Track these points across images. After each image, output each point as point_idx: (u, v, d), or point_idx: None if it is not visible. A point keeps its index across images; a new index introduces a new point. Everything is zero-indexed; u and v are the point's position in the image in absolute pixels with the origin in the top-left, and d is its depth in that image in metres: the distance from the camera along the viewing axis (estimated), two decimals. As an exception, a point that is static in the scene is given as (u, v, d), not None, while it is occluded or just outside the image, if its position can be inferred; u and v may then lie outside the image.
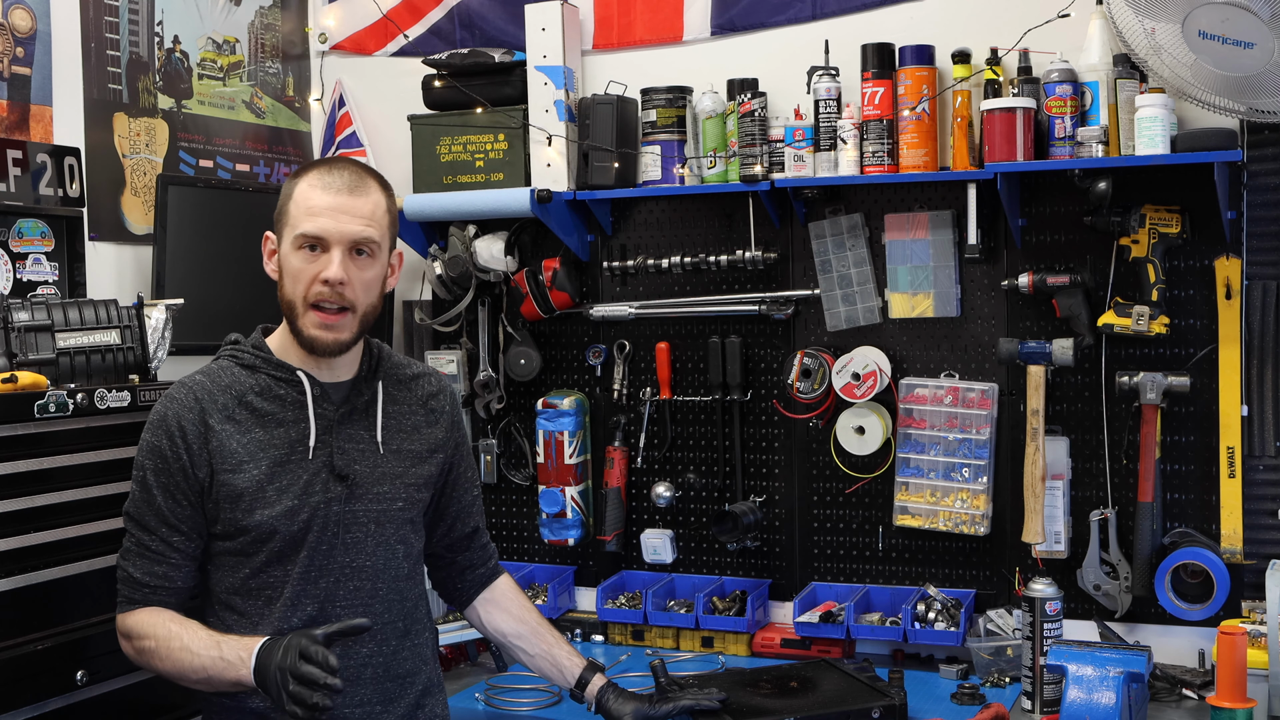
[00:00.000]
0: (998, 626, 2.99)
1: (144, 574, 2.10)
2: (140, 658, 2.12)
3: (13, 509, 2.31)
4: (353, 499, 2.16)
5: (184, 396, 2.12)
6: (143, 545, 2.10)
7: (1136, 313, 2.88)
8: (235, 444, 2.10)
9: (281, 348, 2.19)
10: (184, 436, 2.08)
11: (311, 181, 2.13)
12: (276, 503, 2.09)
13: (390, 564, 2.21)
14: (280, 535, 2.10)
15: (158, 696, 2.55)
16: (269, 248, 2.18)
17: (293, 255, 2.11)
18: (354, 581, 2.16)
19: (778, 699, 2.67)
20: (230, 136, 3.53)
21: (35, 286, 2.89)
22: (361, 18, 3.74)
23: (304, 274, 2.10)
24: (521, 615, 2.46)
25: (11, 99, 2.92)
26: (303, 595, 2.12)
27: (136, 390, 2.53)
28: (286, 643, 1.96)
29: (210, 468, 2.08)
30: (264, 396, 2.14)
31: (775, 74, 3.24)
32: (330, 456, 2.14)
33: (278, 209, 2.16)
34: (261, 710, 2.09)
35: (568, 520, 3.43)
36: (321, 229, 2.09)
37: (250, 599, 2.13)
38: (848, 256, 3.21)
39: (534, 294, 3.43)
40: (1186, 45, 2.61)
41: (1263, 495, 2.89)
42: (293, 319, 2.13)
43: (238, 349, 2.19)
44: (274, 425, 2.13)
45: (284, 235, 2.14)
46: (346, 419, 2.18)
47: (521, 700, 2.88)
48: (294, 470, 2.12)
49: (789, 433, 3.31)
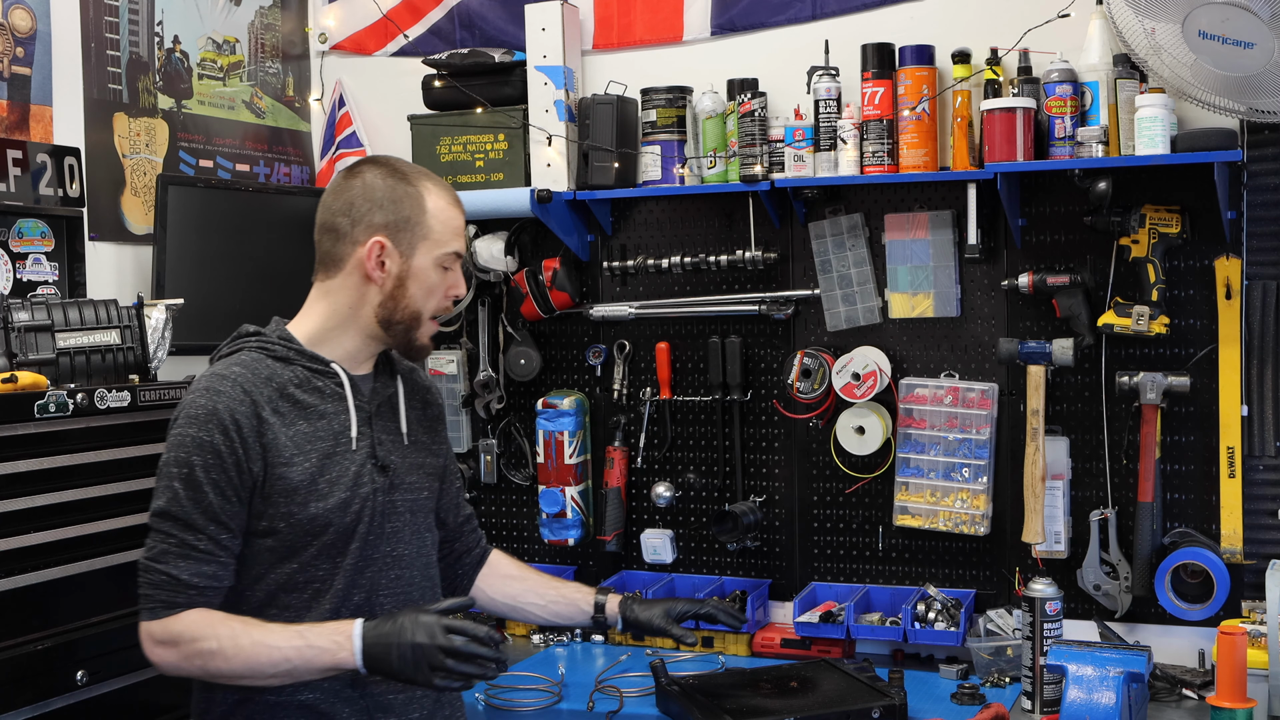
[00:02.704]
0: (998, 626, 2.99)
1: (192, 575, 2.02)
2: (191, 661, 2.03)
3: (13, 509, 2.31)
4: (392, 489, 2.19)
5: (231, 389, 2.06)
6: (187, 545, 2.02)
7: (1136, 313, 2.88)
8: (284, 437, 2.07)
9: (310, 340, 2.17)
10: (239, 430, 2.03)
11: (444, 198, 2.19)
12: (329, 495, 2.09)
13: (422, 551, 2.26)
14: (334, 528, 2.10)
15: (158, 696, 2.55)
16: (381, 255, 2.14)
17: (433, 271, 2.17)
18: (394, 570, 2.19)
19: (778, 699, 2.67)
20: (230, 136, 3.53)
21: (35, 286, 2.89)
22: (361, 18, 3.74)
23: (439, 289, 2.18)
24: (522, 573, 2.53)
25: (11, 99, 2.92)
26: (352, 586, 2.13)
27: (136, 390, 2.53)
28: (404, 622, 1.99)
29: (264, 462, 2.05)
30: (303, 388, 2.12)
31: (775, 74, 3.24)
32: (372, 447, 2.17)
33: (396, 215, 2.14)
34: (310, 701, 2.09)
35: (568, 520, 3.43)
36: (463, 248, 2.22)
37: (296, 593, 2.10)
38: (848, 256, 3.21)
39: (534, 294, 3.43)
40: (1186, 45, 2.61)
41: (1263, 495, 2.89)
42: (410, 327, 2.18)
43: (265, 340, 2.16)
44: (316, 417, 2.12)
45: (419, 248, 2.15)
46: (378, 411, 2.21)
47: (522, 700, 2.88)
48: (341, 462, 2.12)
49: (789, 433, 3.31)
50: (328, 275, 2.17)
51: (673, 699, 2.68)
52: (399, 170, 2.18)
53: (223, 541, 2.05)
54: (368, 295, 2.15)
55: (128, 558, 2.52)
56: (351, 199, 2.15)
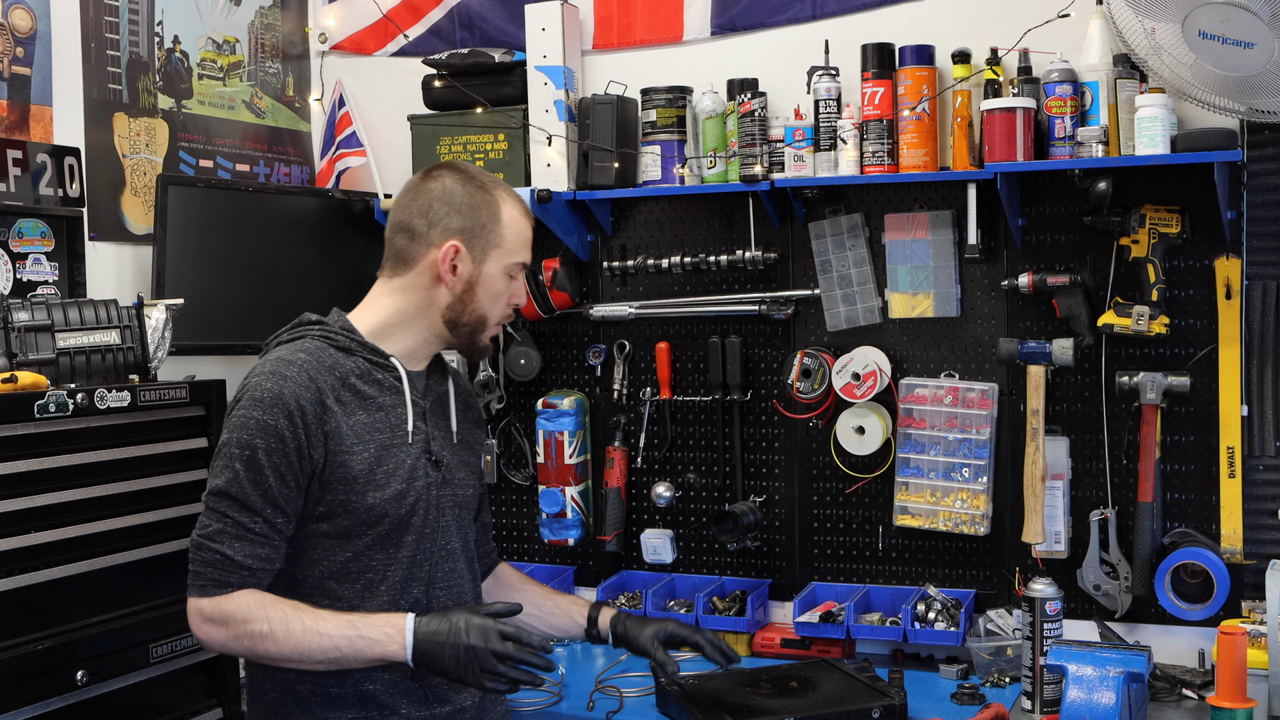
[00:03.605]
0: (998, 626, 2.99)
1: (246, 556, 2.05)
2: (240, 642, 2.06)
3: (13, 509, 2.31)
4: (444, 484, 2.23)
5: (297, 375, 2.09)
6: (242, 527, 2.05)
7: (1136, 313, 2.88)
8: (345, 426, 2.11)
9: (371, 333, 2.21)
10: (304, 416, 2.06)
11: (518, 209, 2.26)
12: (386, 485, 2.13)
13: (467, 547, 2.31)
14: (390, 518, 2.13)
15: (158, 696, 2.55)
16: (455, 257, 2.20)
17: (501, 278, 2.23)
18: (448, 564, 2.23)
19: (778, 699, 2.67)
20: (230, 136, 3.53)
21: (35, 286, 2.89)
22: (361, 18, 3.74)
23: (504, 296, 2.25)
24: (523, 585, 2.55)
25: (11, 99, 2.92)
26: (410, 579, 2.17)
27: (136, 390, 2.53)
28: (458, 622, 2.06)
29: (325, 449, 2.08)
30: (364, 380, 2.16)
31: (775, 74, 3.24)
32: (427, 442, 2.21)
33: (476, 223, 2.20)
34: (372, 693, 2.12)
35: (568, 520, 3.43)
36: (528, 260, 2.28)
37: (349, 583, 2.14)
38: (848, 256, 3.21)
39: (534, 294, 3.43)
40: (1186, 45, 2.61)
41: (1263, 495, 2.89)
42: (476, 330, 2.25)
43: (328, 330, 2.19)
44: (375, 409, 2.16)
45: (491, 256, 2.22)
46: (431, 408, 2.26)
47: (521, 700, 2.88)
48: (398, 454, 2.16)
49: (789, 433, 3.31)
50: (396, 273, 2.22)
51: (673, 699, 2.68)
52: (477, 178, 2.24)
53: (278, 525, 2.08)
54: (436, 296, 2.21)
55: (128, 558, 2.52)
56: (430, 201, 2.20)
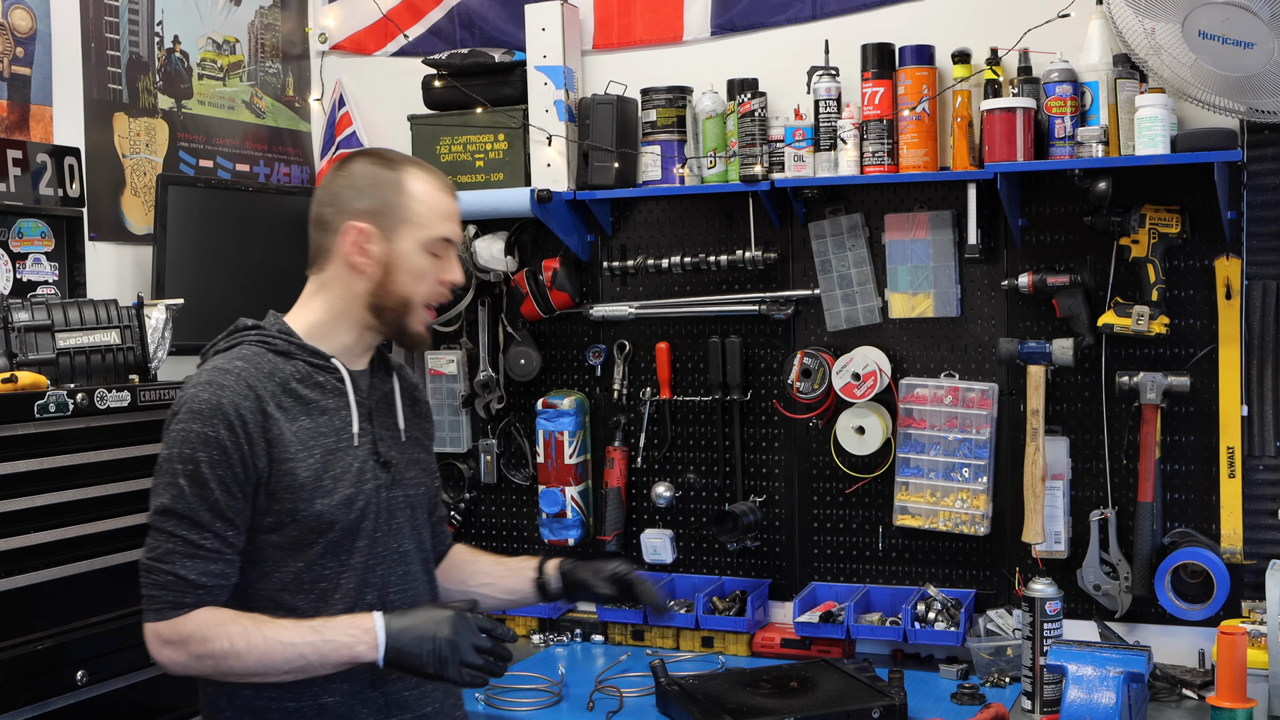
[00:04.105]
0: (998, 626, 2.99)
1: (200, 575, 1.98)
2: (203, 662, 1.99)
3: (13, 509, 2.31)
4: (394, 485, 2.17)
5: (235, 384, 2.03)
6: (193, 544, 1.98)
7: (1136, 313, 2.88)
8: (289, 433, 2.05)
9: (309, 334, 2.15)
10: (244, 425, 1.99)
11: (431, 183, 2.15)
12: (334, 491, 2.07)
13: (421, 548, 2.24)
14: (340, 525, 2.07)
15: (158, 697, 2.55)
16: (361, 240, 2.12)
17: (419, 255, 2.13)
18: (401, 567, 2.18)
19: (778, 699, 2.67)
20: (230, 136, 3.53)
21: (35, 286, 2.89)
22: (361, 18, 3.74)
23: (429, 275, 2.14)
24: (473, 558, 2.47)
25: (11, 99, 2.92)
26: (364, 585, 2.11)
27: (136, 390, 2.53)
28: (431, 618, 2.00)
29: (269, 457, 2.02)
30: (305, 383, 2.10)
31: (775, 74, 3.24)
32: (374, 443, 2.15)
33: (378, 201, 2.12)
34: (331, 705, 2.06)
35: (568, 520, 3.43)
36: (454, 235, 2.16)
37: (302, 594, 2.07)
38: (848, 256, 3.21)
39: (534, 294, 3.43)
40: (1186, 45, 2.61)
41: (1263, 495, 2.89)
42: (401, 314, 2.14)
43: (265, 334, 2.13)
44: (318, 413, 2.10)
45: (403, 233, 2.12)
46: (377, 408, 2.20)
47: (521, 700, 2.88)
48: (344, 458, 2.10)
49: (789, 433, 3.31)
50: (320, 269, 2.15)
51: (673, 699, 2.68)
52: (385, 158, 2.16)
53: (229, 539, 2.01)
54: (356, 285, 2.13)
55: (128, 558, 2.52)
56: (337, 190, 2.14)
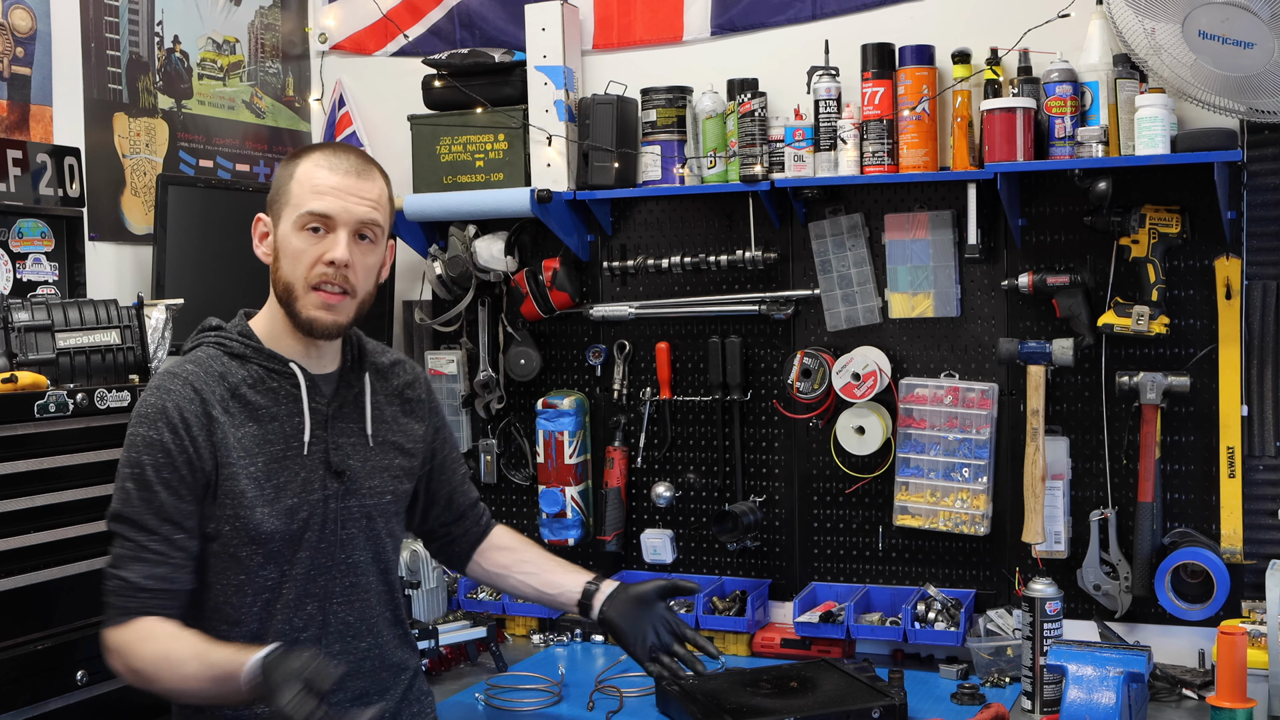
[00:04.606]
0: (998, 626, 2.99)
1: (143, 578, 1.97)
2: (135, 676, 2.00)
3: (13, 509, 2.31)
4: (347, 495, 2.12)
5: (179, 387, 2.01)
6: (141, 547, 1.98)
7: (1136, 313, 2.88)
8: (234, 438, 2.02)
9: (270, 336, 2.12)
10: (188, 429, 1.99)
11: (317, 161, 2.08)
12: (276, 500, 2.04)
13: (379, 557, 2.19)
14: (280, 535, 2.04)
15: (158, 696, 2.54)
16: (260, 230, 2.12)
17: (294, 236, 2.05)
18: (349, 578, 2.14)
19: (778, 699, 2.67)
20: (230, 136, 3.53)
21: (35, 286, 2.89)
22: (361, 18, 3.74)
23: (306, 255, 2.05)
24: (516, 545, 2.47)
25: (11, 99, 2.92)
26: (304, 595, 2.09)
27: (136, 390, 2.52)
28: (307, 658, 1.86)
29: (215, 461, 2.00)
30: (256, 389, 2.07)
31: (775, 74, 3.24)
32: (326, 452, 2.10)
33: (274, 190, 2.10)
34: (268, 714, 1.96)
35: (568, 520, 3.43)
36: (329, 208, 2.04)
37: (244, 604, 2.05)
38: (848, 256, 3.21)
39: (534, 294, 3.43)
40: (1186, 45, 2.61)
41: (1263, 495, 2.89)
42: (290, 301, 2.07)
43: (223, 336, 2.11)
44: (268, 420, 2.07)
45: (283, 215, 2.07)
46: (339, 413, 2.14)
47: (521, 700, 2.88)
48: (291, 467, 2.06)
49: (789, 433, 3.31)
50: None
51: (673, 699, 2.68)
52: (304, 149, 2.14)
53: (177, 542, 1.99)
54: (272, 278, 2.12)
55: (128, 558, 2.52)
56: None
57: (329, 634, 2.12)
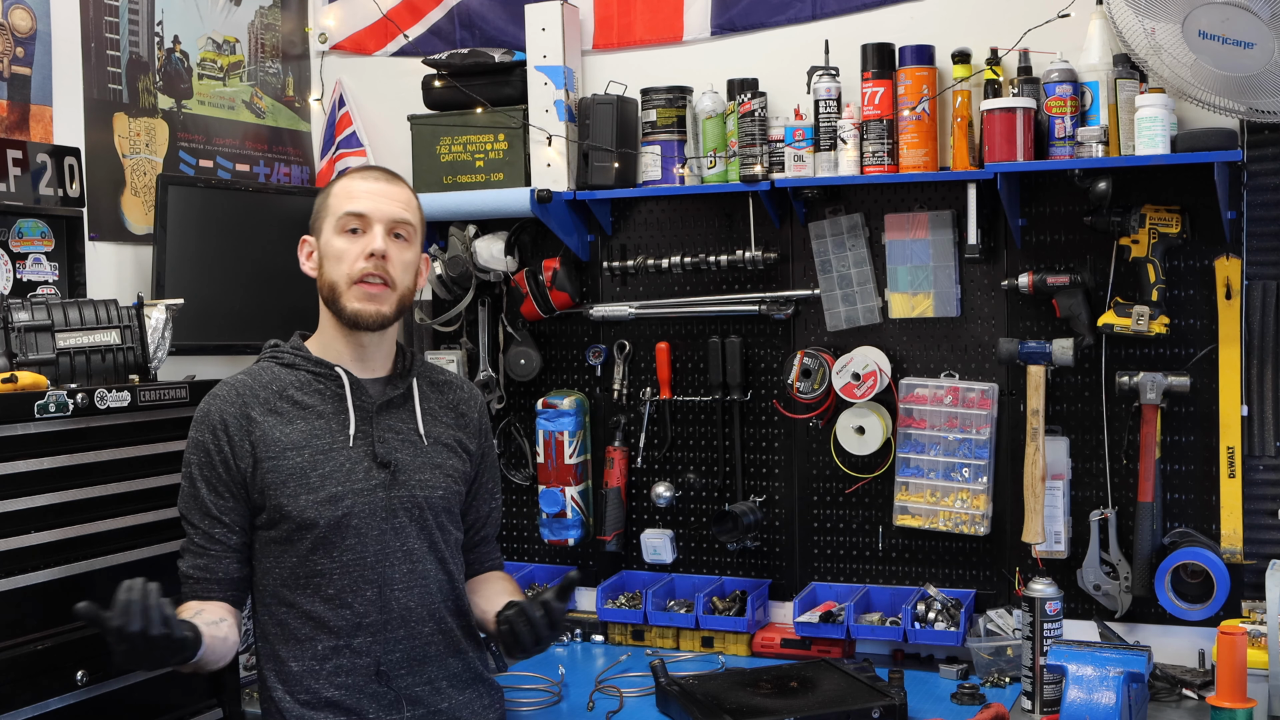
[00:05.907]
0: (998, 626, 2.99)
1: (189, 567, 2.22)
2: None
3: (12, 509, 2.31)
4: (395, 485, 2.26)
5: (226, 393, 2.25)
6: (190, 540, 2.23)
7: (1136, 313, 2.88)
8: (278, 433, 2.21)
9: (321, 348, 2.32)
10: (226, 430, 2.20)
11: (350, 177, 2.36)
12: (320, 489, 2.20)
13: (435, 547, 2.31)
14: (325, 521, 2.19)
15: (158, 696, 2.55)
16: (306, 250, 2.33)
17: (335, 240, 2.26)
18: (406, 564, 2.26)
19: (778, 699, 2.68)
20: (230, 136, 3.53)
21: (35, 286, 2.89)
22: (361, 18, 3.74)
23: (348, 253, 2.25)
24: (491, 583, 2.47)
25: (11, 99, 2.92)
26: (363, 581, 2.22)
27: (136, 390, 2.53)
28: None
29: (253, 457, 2.19)
30: (304, 390, 2.26)
31: (775, 74, 3.24)
32: (371, 444, 2.26)
33: (314, 213, 2.33)
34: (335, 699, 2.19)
35: (568, 520, 3.43)
36: (363, 208, 2.26)
37: (300, 590, 2.21)
38: (848, 256, 3.21)
39: (534, 294, 3.43)
40: (1186, 45, 2.61)
41: (1263, 495, 2.89)
42: (335, 299, 2.26)
43: (278, 350, 2.32)
44: (314, 417, 2.25)
45: (324, 227, 2.29)
46: (385, 409, 2.30)
47: (521, 700, 2.88)
48: (336, 458, 2.23)
49: (789, 433, 3.31)
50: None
51: (673, 699, 2.68)
52: (335, 177, 2.42)
53: (216, 535, 2.21)
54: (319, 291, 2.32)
55: (128, 558, 2.52)
56: None
57: (391, 619, 2.24)
